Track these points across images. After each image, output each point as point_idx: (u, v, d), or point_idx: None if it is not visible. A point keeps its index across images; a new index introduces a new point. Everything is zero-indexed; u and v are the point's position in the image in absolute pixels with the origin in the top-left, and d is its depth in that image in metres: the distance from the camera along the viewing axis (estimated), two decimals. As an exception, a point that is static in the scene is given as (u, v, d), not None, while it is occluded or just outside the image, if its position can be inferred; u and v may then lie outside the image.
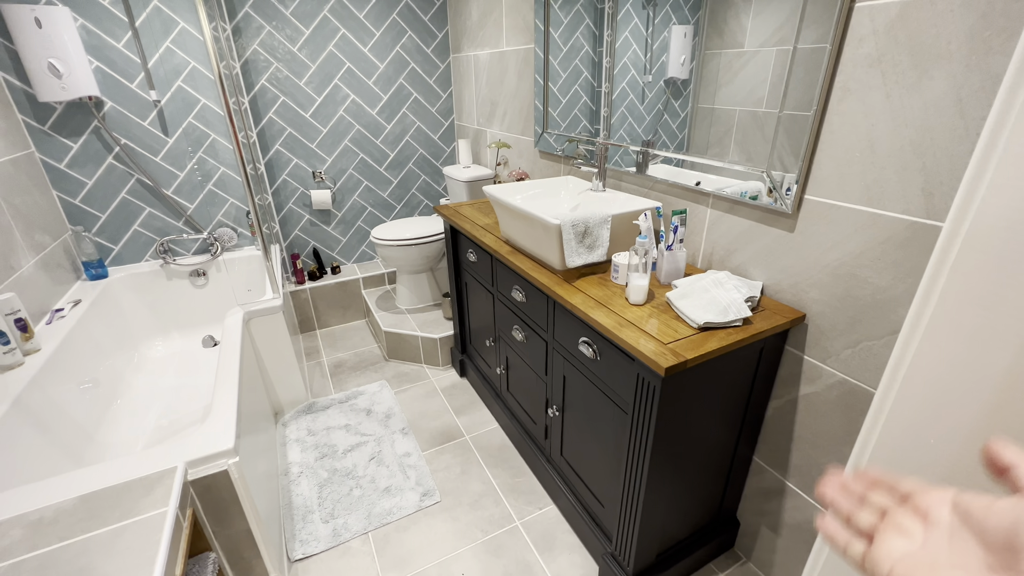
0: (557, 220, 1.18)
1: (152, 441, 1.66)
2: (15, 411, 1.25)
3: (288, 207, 2.54)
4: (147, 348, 2.18)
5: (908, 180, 0.83)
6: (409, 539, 1.46)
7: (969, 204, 0.38)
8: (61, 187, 1.97)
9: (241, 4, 2.11)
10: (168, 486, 0.96)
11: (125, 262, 2.20)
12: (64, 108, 1.89)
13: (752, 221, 1.15)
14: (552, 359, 1.38)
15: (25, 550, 0.83)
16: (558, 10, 1.67)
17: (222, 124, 2.18)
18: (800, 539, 1.21)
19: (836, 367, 1.03)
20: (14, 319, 1.41)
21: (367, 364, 2.36)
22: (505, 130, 2.26)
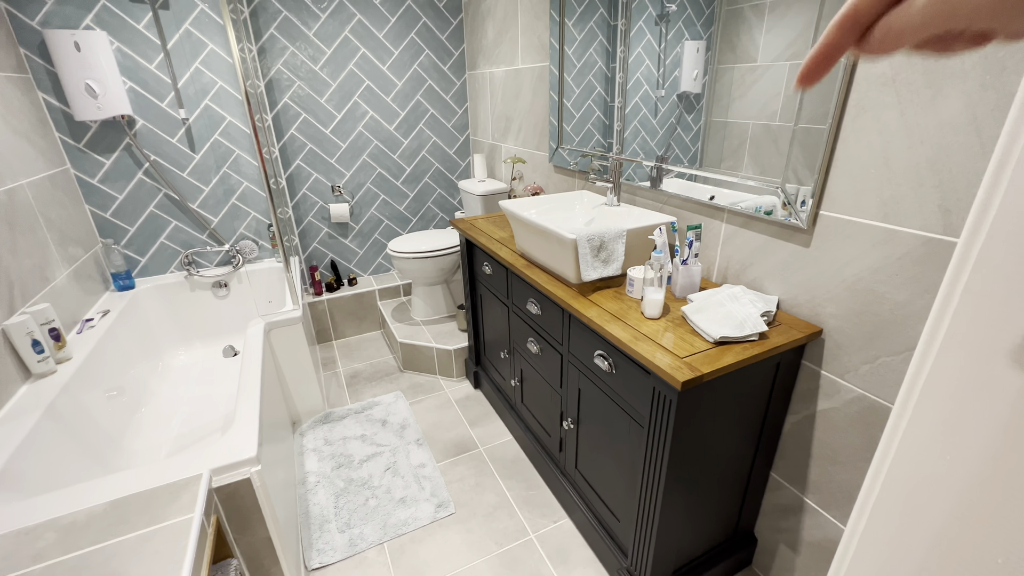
0: (573, 235, 1.20)
1: (174, 448, 1.70)
2: (48, 417, 1.30)
3: (307, 220, 2.60)
4: (170, 357, 2.23)
5: (924, 197, 0.84)
6: (424, 550, 1.46)
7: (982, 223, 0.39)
8: (93, 201, 2.05)
9: (267, 26, 2.19)
10: (194, 493, 0.98)
11: (151, 273, 2.28)
12: (98, 126, 1.97)
13: (767, 236, 1.15)
14: (567, 372, 1.39)
15: (59, 553, 0.86)
16: (572, 28, 1.71)
17: (246, 140, 2.26)
18: (820, 557, 1.19)
19: (854, 383, 1.02)
20: (48, 329, 1.47)
21: (382, 375, 2.39)
22: (520, 145, 2.30)
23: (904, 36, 0.21)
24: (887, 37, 0.22)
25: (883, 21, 0.21)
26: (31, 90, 1.79)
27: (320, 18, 2.28)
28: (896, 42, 0.22)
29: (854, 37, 0.23)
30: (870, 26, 0.22)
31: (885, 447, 0.44)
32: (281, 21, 2.21)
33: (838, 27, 0.23)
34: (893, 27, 0.21)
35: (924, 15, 0.20)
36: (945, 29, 0.20)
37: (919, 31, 0.21)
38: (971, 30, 0.20)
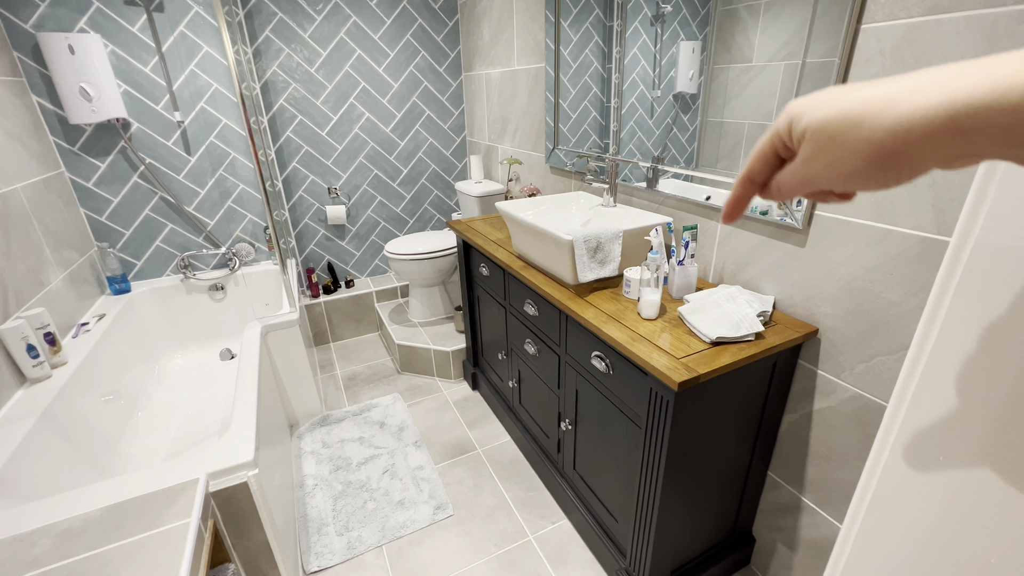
0: (569, 236, 1.20)
1: (171, 453, 1.70)
2: (44, 423, 1.29)
3: (304, 222, 2.60)
4: (167, 361, 2.23)
5: (918, 196, 0.84)
6: (423, 553, 1.46)
7: (973, 224, 0.39)
8: (88, 205, 2.05)
9: (262, 28, 2.19)
10: (191, 497, 0.98)
11: (147, 277, 2.27)
12: (93, 130, 1.96)
13: (763, 236, 1.16)
14: (565, 373, 1.39)
15: (54, 559, 0.85)
16: (568, 29, 1.71)
17: (242, 143, 2.25)
18: (817, 556, 1.19)
19: (850, 382, 1.02)
20: (43, 333, 1.46)
21: (380, 377, 2.39)
22: (516, 146, 2.30)
23: (791, 192, 0.28)
24: (779, 192, 0.29)
25: (773, 182, 0.29)
26: (25, 93, 1.78)
27: (315, 20, 2.27)
28: (788, 195, 0.29)
29: (755, 190, 0.30)
30: (766, 183, 0.29)
31: (880, 446, 0.44)
32: (276, 23, 2.21)
33: (741, 184, 0.30)
34: (782, 187, 0.28)
35: (798, 181, 0.27)
36: (816, 190, 0.27)
37: (798, 190, 0.28)
38: (835, 191, 0.27)
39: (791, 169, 0.27)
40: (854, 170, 0.24)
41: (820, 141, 0.25)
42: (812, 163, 0.26)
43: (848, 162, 0.24)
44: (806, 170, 0.26)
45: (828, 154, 0.25)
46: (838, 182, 0.25)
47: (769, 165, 0.29)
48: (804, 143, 0.26)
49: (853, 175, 0.24)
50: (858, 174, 0.24)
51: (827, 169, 0.25)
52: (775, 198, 0.29)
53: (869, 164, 0.24)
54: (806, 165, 0.26)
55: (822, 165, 0.25)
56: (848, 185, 0.25)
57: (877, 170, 0.24)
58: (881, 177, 0.24)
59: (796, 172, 0.27)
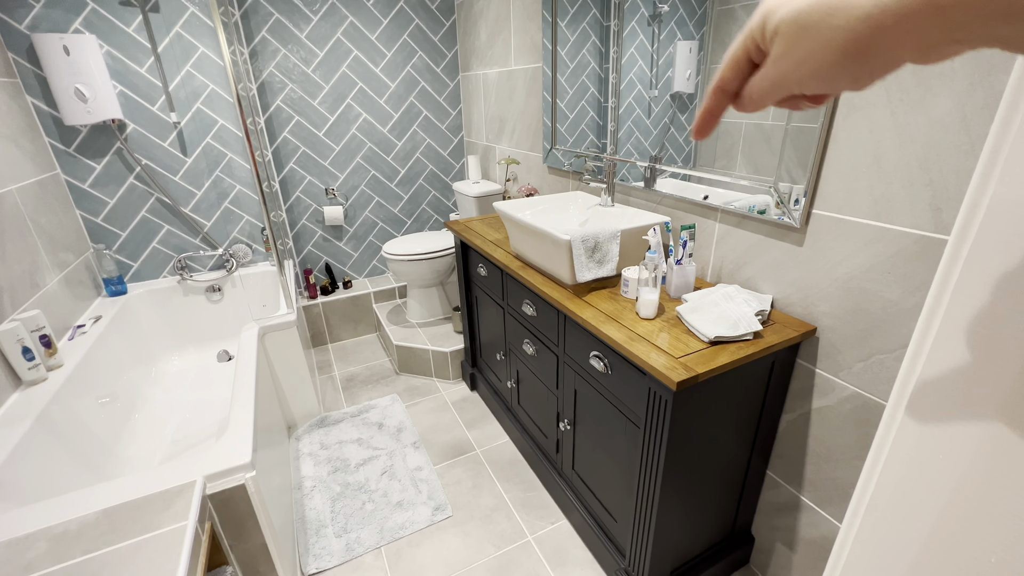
0: (567, 236, 1.20)
1: (168, 455, 1.69)
2: (39, 426, 1.28)
3: (301, 223, 2.59)
4: (164, 363, 2.22)
5: (915, 195, 0.84)
6: (421, 554, 1.46)
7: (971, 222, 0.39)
8: (84, 206, 2.04)
9: (258, 28, 2.18)
10: (187, 500, 0.97)
11: (144, 278, 2.26)
12: (88, 131, 1.96)
13: (761, 235, 1.16)
14: (563, 373, 1.39)
15: (50, 563, 0.85)
16: (565, 29, 1.71)
17: (239, 144, 2.24)
18: (816, 555, 1.19)
19: (849, 380, 1.02)
20: (39, 335, 1.45)
21: (378, 378, 2.38)
22: (514, 146, 2.30)
23: (762, 97, 0.27)
24: (751, 100, 0.27)
25: (746, 88, 0.27)
26: (19, 95, 1.77)
27: (312, 20, 2.27)
28: (759, 103, 0.27)
29: (727, 100, 0.29)
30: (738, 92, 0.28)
31: (879, 445, 0.44)
32: (273, 23, 2.20)
33: (712, 94, 0.29)
34: (753, 92, 0.27)
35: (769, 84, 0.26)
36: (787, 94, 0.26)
37: (770, 95, 0.27)
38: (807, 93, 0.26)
39: (762, 71, 0.26)
40: (826, 64, 0.23)
41: (792, 34, 0.23)
42: (784, 60, 0.24)
43: (820, 55, 0.23)
44: (778, 68, 0.25)
45: (800, 48, 0.23)
46: (810, 80, 0.24)
47: (741, 72, 0.27)
48: (776, 39, 0.24)
49: (825, 70, 0.23)
50: (830, 68, 0.23)
51: (800, 65, 0.24)
52: (747, 107, 0.28)
53: (842, 55, 0.22)
54: (778, 63, 0.25)
55: (794, 61, 0.24)
56: (820, 83, 0.24)
57: (850, 62, 0.22)
58: (854, 71, 0.23)
59: (768, 72, 0.26)
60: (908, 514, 0.42)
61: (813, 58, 0.23)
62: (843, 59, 0.22)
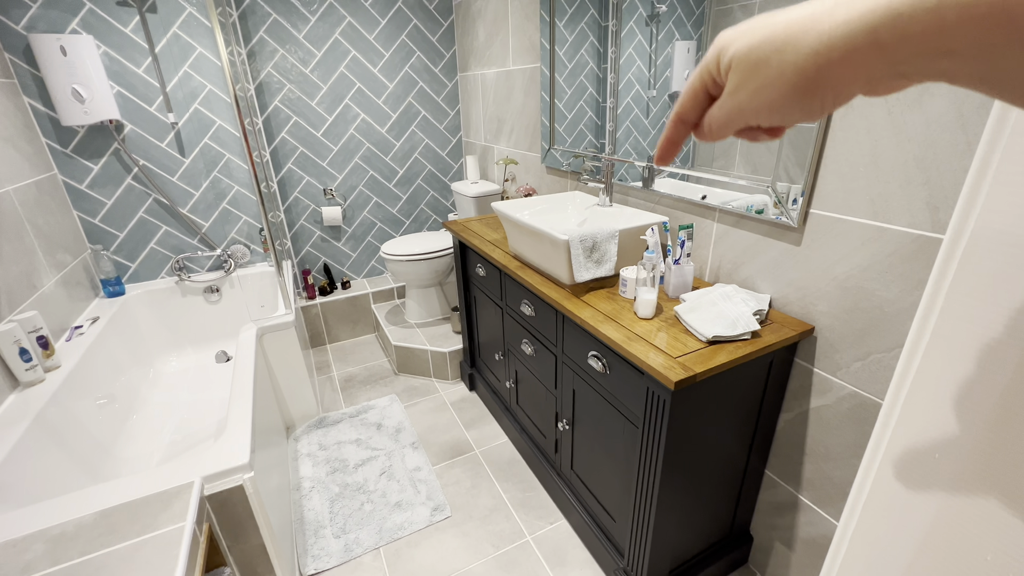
0: (565, 236, 1.20)
1: (167, 456, 1.69)
2: (36, 427, 1.28)
3: (300, 224, 2.59)
4: (162, 364, 2.21)
5: (913, 194, 0.84)
6: (420, 554, 1.46)
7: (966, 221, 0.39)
8: (82, 207, 2.03)
9: (256, 29, 2.18)
10: (185, 501, 0.97)
11: (141, 279, 2.25)
12: (86, 131, 1.95)
13: (758, 235, 1.16)
14: (562, 373, 1.39)
15: (47, 565, 0.84)
16: (563, 29, 1.71)
17: (237, 144, 2.24)
18: (815, 554, 1.19)
19: (846, 380, 1.03)
20: (36, 336, 1.45)
21: (377, 378, 2.38)
22: (512, 146, 2.30)
23: (721, 128, 0.27)
24: (710, 130, 0.28)
25: (704, 119, 0.28)
26: (16, 95, 1.76)
27: (310, 20, 2.27)
28: (718, 134, 0.28)
29: (687, 130, 0.30)
30: (698, 122, 0.29)
31: (875, 444, 0.44)
32: (271, 24, 2.20)
33: (672, 124, 0.30)
34: (712, 124, 0.28)
35: (726, 115, 0.27)
36: (744, 125, 0.27)
37: (727, 127, 0.27)
38: (763, 126, 0.27)
39: (719, 103, 0.27)
40: (779, 97, 0.23)
41: (746, 69, 0.24)
42: (738, 93, 0.25)
43: (773, 89, 0.23)
44: (733, 101, 0.25)
45: (753, 82, 0.24)
46: (764, 112, 0.25)
47: (699, 103, 0.28)
48: (731, 74, 0.25)
49: (778, 103, 0.24)
50: (783, 101, 0.23)
51: (753, 98, 0.24)
52: (707, 137, 0.28)
53: (793, 89, 0.23)
54: (733, 96, 0.25)
55: (748, 94, 0.25)
56: (774, 116, 0.25)
57: (801, 96, 0.23)
58: (806, 105, 0.23)
59: (724, 104, 0.26)
60: (905, 512, 0.42)
61: (766, 92, 0.24)
62: (794, 93, 0.23)
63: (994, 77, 0.19)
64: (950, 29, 0.18)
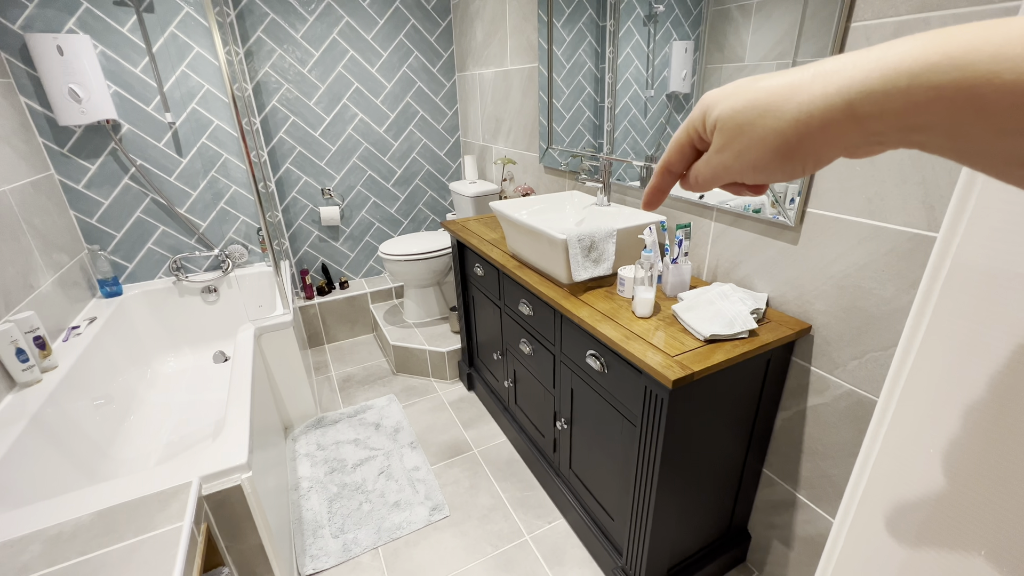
0: (563, 235, 1.20)
1: (164, 456, 1.68)
2: (33, 427, 1.27)
3: (297, 223, 2.59)
4: (160, 364, 2.21)
5: (908, 193, 0.85)
6: (419, 554, 1.46)
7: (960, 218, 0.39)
8: (78, 207, 2.03)
9: (253, 28, 2.18)
10: (183, 501, 0.97)
11: (139, 279, 2.25)
12: (83, 131, 1.95)
13: (756, 234, 1.16)
14: (560, 372, 1.39)
15: (44, 565, 0.84)
16: (560, 29, 1.71)
17: (234, 144, 2.24)
18: (812, 552, 1.20)
19: (843, 378, 1.03)
20: (32, 337, 1.44)
21: (375, 378, 2.38)
22: (510, 146, 2.30)
23: (706, 182, 0.28)
24: (697, 183, 0.29)
25: (691, 172, 0.29)
26: (13, 95, 1.76)
27: (308, 20, 2.26)
28: (705, 186, 0.29)
29: (674, 180, 0.30)
30: (685, 173, 0.30)
31: (870, 442, 0.45)
32: (268, 24, 2.20)
33: (658, 174, 0.30)
34: (698, 177, 0.29)
35: (711, 172, 0.27)
36: (729, 181, 0.27)
37: (712, 181, 0.28)
38: (747, 183, 0.28)
39: (705, 159, 0.28)
40: (761, 159, 0.24)
41: (730, 131, 0.25)
42: (723, 152, 0.26)
43: (756, 151, 0.24)
44: (718, 159, 0.26)
45: (737, 143, 0.25)
46: (748, 172, 0.26)
47: (685, 156, 0.29)
48: (716, 133, 0.26)
49: (761, 165, 0.25)
50: (766, 163, 0.24)
51: (737, 158, 0.25)
52: (692, 189, 0.30)
53: (775, 153, 0.24)
54: (718, 154, 0.26)
55: (732, 154, 0.25)
56: (757, 175, 0.26)
57: (783, 160, 0.24)
58: (787, 167, 0.24)
59: (710, 161, 0.27)
60: (900, 509, 0.43)
61: (750, 152, 0.25)
62: (776, 156, 0.24)
63: (965, 150, 0.20)
64: (921, 108, 0.19)
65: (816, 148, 0.23)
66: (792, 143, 0.23)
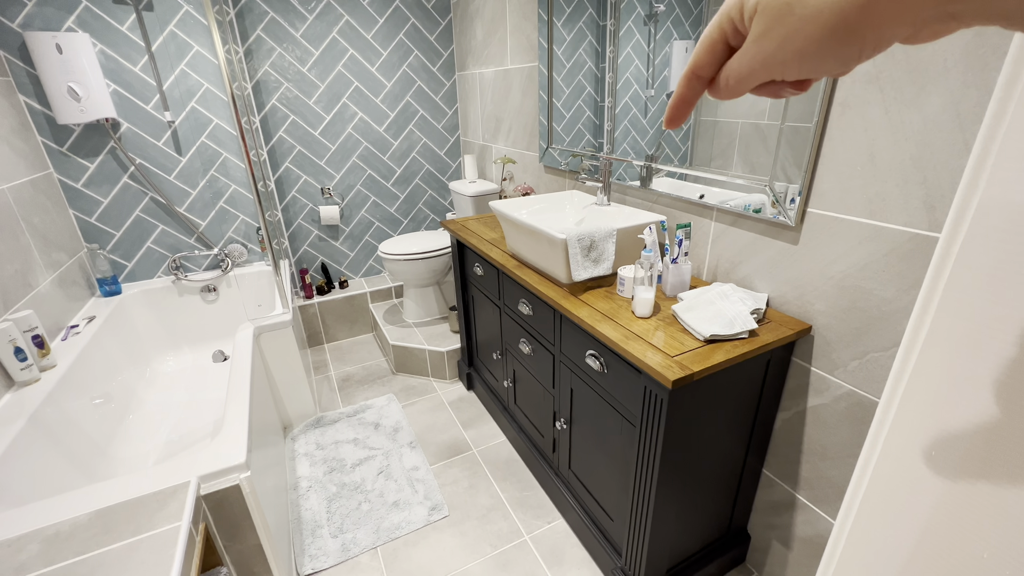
0: (563, 235, 1.20)
1: (163, 456, 1.68)
2: (32, 427, 1.27)
3: (297, 223, 2.58)
4: (159, 363, 2.21)
5: (910, 193, 0.84)
6: (418, 554, 1.45)
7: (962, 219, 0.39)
8: (78, 206, 2.02)
9: (253, 27, 2.18)
10: (181, 501, 0.97)
11: (138, 278, 2.24)
12: (82, 130, 1.94)
13: (756, 234, 1.16)
14: (559, 372, 1.39)
15: (42, 564, 0.84)
16: (561, 28, 1.71)
17: (234, 143, 2.23)
18: (812, 553, 1.20)
19: (844, 379, 1.03)
20: (31, 336, 1.44)
21: (375, 378, 2.38)
22: (510, 145, 2.29)
23: (740, 82, 0.25)
24: (728, 85, 0.25)
25: (722, 73, 0.25)
26: (11, 93, 1.75)
27: (307, 19, 2.26)
28: (736, 89, 0.25)
29: (702, 87, 0.27)
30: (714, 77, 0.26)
31: (872, 443, 0.44)
32: (268, 22, 2.19)
33: (686, 81, 0.27)
34: (730, 77, 0.25)
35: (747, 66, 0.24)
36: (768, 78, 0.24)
37: (749, 80, 0.25)
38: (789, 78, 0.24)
39: (741, 52, 0.24)
40: (812, 43, 0.21)
41: (774, 12, 0.22)
42: (765, 40, 0.22)
43: (805, 34, 0.21)
44: (758, 49, 0.23)
45: (783, 26, 0.22)
46: (793, 62, 0.22)
47: (717, 55, 0.25)
48: (756, 18, 0.22)
49: (810, 50, 0.21)
50: (816, 48, 0.21)
51: (782, 46, 0.22)
52: (723, 94, 0.26)
53: (829, 34, 0.21)
54: (758, 43, 0.23)
55: (776, 41, 0.22)
56: (804, 65, 0.22)
57: (837, 42, 0.21)
58: (842, 52, 0.21)
59: (746, 54, 0.24)
60: (901, 510, 0.42)
61: (797, 38, 0.21)
62: (830, 39, 0.21)
63: None
64: None
65: (879, 24, 0.20)
66: (851, 19, 0.20)
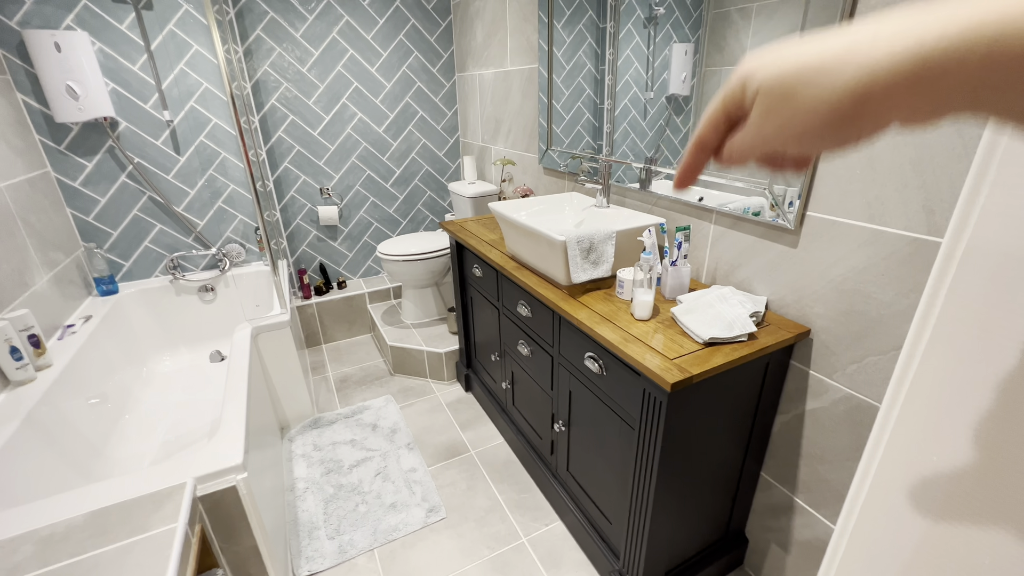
0: (562, 236, 1.19)
1: (159, 456, 1.67)
2: (27, 427, 1.26)
3: (296, 223, 2.58)
4: (155, 363, 2.20)
5: (909, 197, 0.85)
6: (415, 556, 1.45)
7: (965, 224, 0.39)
8: (75, 205, 2.01)
9: (253, 27, 2.17)
10: (177, 502, 0.96)
11: (135, 278, 2.24)
12: (80, 128, 1.94)
13: (755, 237, 1.16)
14: (558, 374, 1.38)
15: (36, 566, 0.83)
16: (561, 30, 1.71)
17: (232, 143, 2.23)
18: (810, 556, 1.20)
19: (842, 382, 1.03)
20: (27, 335, 1.43)
21: (372, 379, 2.37)
22: (510, 147, 2.29)
23: (743, 156, 0.27)
24: (732, 157, 0.27)
25: (726, 147, 0.28)
26: (10, 91, 1.75)
27: (307, 19, 2.26)
28: (740, 159, 0.27)
29: (707, 157, 0.29)
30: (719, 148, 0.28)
31: (873, 446, 0.44)
32: (268, 22, 2.19)
33: (692, 151, 0.29)
34: (734, 153, 0.27)
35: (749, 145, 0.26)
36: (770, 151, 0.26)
37: (750, 155, 0.27)
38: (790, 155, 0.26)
39: (744, 132, 0.26)
40: (810, 130, 0.22)
41: (773, 100, 0.23)
42: (765, 124, 0.24)
43: (803, 121, 0.22)
44: (758, 131, 0.25)
45: (782, 113, 0.23)
46: (793, 143, 0.24)
47: (719, 131, 0.27)
48: (756, 103, 0.24)
49: (809, 135, 0.23)
50: (814, 134, 0.23)
51: (781, 130, 0.23)
52: (728, 164, 0.28)
53: (826, 123, 0.22)
54: (759, 126, 0.24)
55: (775, 126, 0.24)
56: (803, 147, 0.24)
57: (834, 129, 0.22)
58: (839, 137, 0.22)
59: (748, 134, 0.25)
60: (902, 515, 0.42)
61: (797, 122, 0.23)
62: (827, 126, 0.22)
63: None
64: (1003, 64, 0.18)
65: (875, 116, 0.21)
66: (847, 111, 0.21)
